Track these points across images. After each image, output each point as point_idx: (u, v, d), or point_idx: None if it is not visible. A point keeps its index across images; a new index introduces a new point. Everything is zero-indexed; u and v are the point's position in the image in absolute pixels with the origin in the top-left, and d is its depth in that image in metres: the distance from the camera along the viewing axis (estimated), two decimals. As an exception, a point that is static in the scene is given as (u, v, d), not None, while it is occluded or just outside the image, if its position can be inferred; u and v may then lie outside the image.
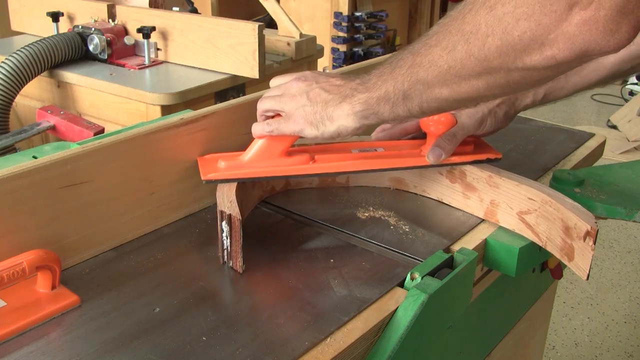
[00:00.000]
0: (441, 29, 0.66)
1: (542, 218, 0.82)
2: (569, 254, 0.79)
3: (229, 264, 0.76)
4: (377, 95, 0.73)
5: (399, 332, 0.65)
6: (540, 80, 0.64)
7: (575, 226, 0.77)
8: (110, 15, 2.08)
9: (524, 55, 0.60)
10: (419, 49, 0.69)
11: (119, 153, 0.79)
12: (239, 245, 0.74)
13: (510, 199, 0.85)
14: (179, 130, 0.85)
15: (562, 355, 2.02)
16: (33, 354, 0.61)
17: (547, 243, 0.82)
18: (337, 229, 0.86)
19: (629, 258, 2.58)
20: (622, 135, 3.70)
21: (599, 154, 1.18)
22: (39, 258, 0.67)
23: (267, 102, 0.83)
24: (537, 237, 0.83)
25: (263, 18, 2.89)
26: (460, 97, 0.68)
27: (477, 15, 0.61)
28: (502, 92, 0.68)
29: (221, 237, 0.75)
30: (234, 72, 1.88)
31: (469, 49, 0.63)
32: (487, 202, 0.88)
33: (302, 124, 0.79)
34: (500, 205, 0.87)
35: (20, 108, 2.06)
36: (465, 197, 0.91)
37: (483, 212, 0.89)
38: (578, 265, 0.78)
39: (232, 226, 0.74)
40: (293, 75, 0.84)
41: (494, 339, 1.03)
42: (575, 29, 0.56)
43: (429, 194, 0.95)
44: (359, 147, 0.92)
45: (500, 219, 0.87)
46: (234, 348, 0.62)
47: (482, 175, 0.88)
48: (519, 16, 0.58)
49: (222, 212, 0.74)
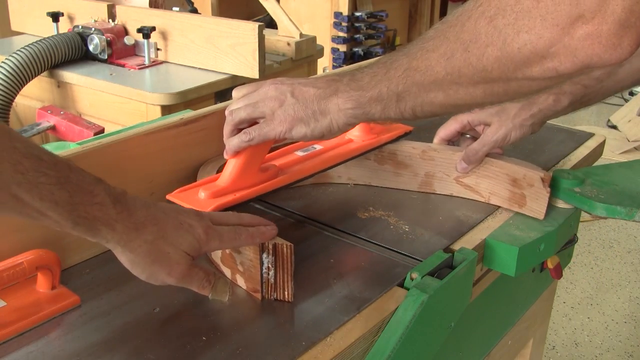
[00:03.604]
0: (438, 34, 0.65)
1: (482, 177, 0.91)
2: (519, 202, 0.89)
3: (272, 297, 0.70)
4: (370, 95, 0.71)
5: (399, 332, 0.65)
6: (539, 90, 0.64)
7: (525, 177, 0.87)
8: (110, 15, 2.08)
9: (524, 67, 0.59)
10: (415, 52, 0.67)
11: (119, 153, 0.79)
12: (289, 274, 0.68)
13: (447, 167, 0.92)
14: (179, 130, 0.85)
15: (562, 355, 2.02)
16: (33, 354, 0.61)
17: (491, 197, 0.92)
18: (337, 229, 0.85)
19: (629, 258, 2.58)
20: (622, 135, 3.70)
21: (599, 154, 1.18)
22: (39, 258, 0.67)
23: (242, 112, 0.77)
24: (478, 194, 0.92)
25: (263, 18, 2.89)
26: (456, 103, 0.67)
27: (476, 25, 0.60)
28: (499, 100, 0.68)
29: (261, 271, 0.69)
30: (234, 72, 1.88)
31: (467, 58, 0.62)
32: (421, 175, 0.94)
33: (290, 122, 0.74)
34: (435, 175, 0.93)
35: (20, 108, 2.06)
36: (397, 175, 0.95)
37: (417, 185, 0.95)
38: (532, 209, 0.88)
39: (279, 255, 0.68)
40: (260, 83, 0.78)
41: (494, 339, 1.03)
42: (577, 43, 0.55)
43: (356, 180, 0.97)
44: (298, 148, 0.92)
45: (437, 188, 0.94)
46: (234, 348, 0.62)
47: (414, 152, 0.93)
48: (520, 28, 0.57)
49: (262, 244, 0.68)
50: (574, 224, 0.94)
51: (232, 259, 0.72)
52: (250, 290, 0.71)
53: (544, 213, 0.87)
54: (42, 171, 0.53)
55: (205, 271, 0.65)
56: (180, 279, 0.63)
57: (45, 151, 0.55)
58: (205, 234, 0.64)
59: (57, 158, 0.56)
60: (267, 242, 0.68)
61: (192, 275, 0.64)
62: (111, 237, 0.59)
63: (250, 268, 0.70)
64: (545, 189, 0.86)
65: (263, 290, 0.70)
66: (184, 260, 0.63)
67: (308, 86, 0.75)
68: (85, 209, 0.56)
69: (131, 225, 0.60)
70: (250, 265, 0.70)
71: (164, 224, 0.62)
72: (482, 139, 0.91)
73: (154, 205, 0.64)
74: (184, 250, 0.63)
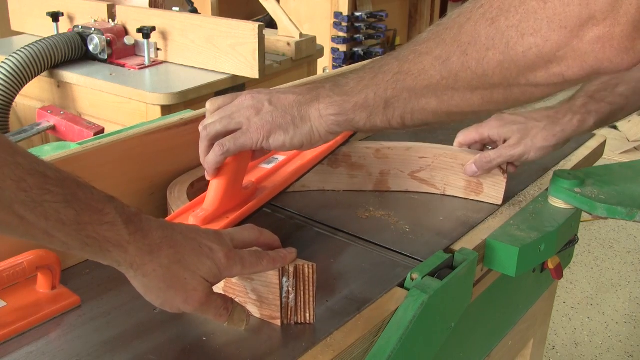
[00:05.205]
0: (433, 37, 0.61)
1: (437, 170, 0.94)
2: (476, 190, 0.93)
3: (292, 321, 0.66)
4: (355, 101, 0.66)
5: (399, 332, 0.65)
6: (541, 97, 0.60)
7: None
8: (110, 15, 2.08)
9: (528, 71, 0.56)
10: (406, 55, 0.63)
11: (119, 153, 0.79)
12: (311, 295, 0.65)
13: (401, 164, 0.93)
14: (179, 130, 0.85)
15: (562, 355, 2.02)
16: (33, 354, 0.61)
17: (446, 188, 0.94)
18: (337, 229, 0.85)
19: (629, 258, 2.58)
20: (622, 135, 3.70)
21: (599, 154, 1.18)
22: (39, 258, 0.67)
23: (217, 125, 0.71)
24: (433, 187, 0.95)
25: (263, 18, 2.89)
26: (449, 110, 0.63)
27: (476, 26, 0.57)
28: (497, 108, 0.64)
29: (280, 296, 0.65)
30: (234, 72, 1.88)
31: (465, 61, 0.58)
32: (376, 174, 0.94)
33: (267, 130, 0.69)
34: (390, 173, 0.94)
35: (20, 108, 2.06)
36: (352, 177, 0.94)
37: (372, 185, 0.95)
38: (490, 195, 0.92)
39: (300, 277, 0.65)
40: (236, 94, 0.73)
41: (494, 339, 1.03)
42: (587, 46, 0.51)
43: (309, 187, 0.95)
44: (261, 161, 0.89)
45: (392, 185, 0.95)
46: (234, 348, 0.62)
47: (368, 152, 0.92)
48: (525, 31, 0.53)
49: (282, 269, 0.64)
50: (574, 224, 0.94)
51: (240, 288, 0.67)
52: (266, 317, 0.66)
53: (502, 199, 0.91)
54: (47, 189, 0.49)
55: (223, 298, 0.61)
56: (198, 308, 0.58)
57: (51, 167, 0.51)
58: (226, 258, 0.59)
59: (64, 174, 0.52)
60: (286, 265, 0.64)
61: (210, 303, 0.59)
62: (123, 259, 0.55)
63: (267, 294, 0.65)
64: (503, 175, 0.90)
65: (282, 316, 0.65)
66: (202, 287, 0.58)
67: (287, 93, 0.70)
68: (95, 229, 0.52)
69: (145, 248, 0.55)
70: (267, 292, 0.65)
71: (182, 247, 0.57)
72: (500, 150, 0.90)
73: (171, 226, 0.59)
74: (202, 276, 0.58)
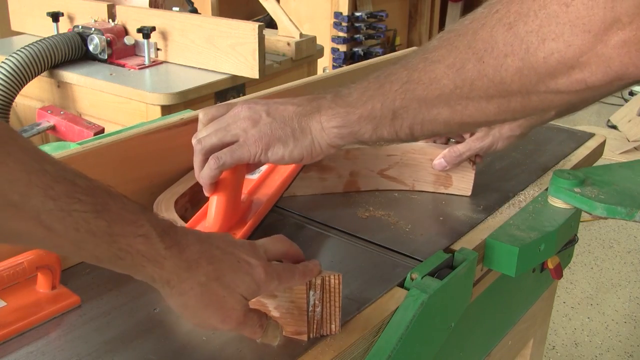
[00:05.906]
0: (444, 44, 0.59)
1: (405, 167, 0.95)
2: (445, 184, 0.95)
3: (319, 334, 0.63)
4: (360, 112, 0.63)
5: (399, 332, 0.65)
6: (561, 105, 0.57)
7: None
8: (110, 15, 2.08)
9: (549, 78, 0.53)
10: (415, 64, 0.60)
11: (119, 153, 0.79)
12: (337, 306, 0.62)
13: (370, 163, 0.94)
14: (179, 130, 0.85)
15: (562, 355, 2.02)
16: (33, 354, 0.61)
17: (415, 184, 0.96)
18: (337, 229, 0.85)
19: (629, 258, 2.58)
20: (622, 135, 3.70)
21: (599, 154, 1.18)
22: (39, 258, 0.67)
23: (212, 137, 0.68)
24: (402, 184, 0.96)
25: (263, 18, 2.89)
26: (462, 120, 0.60)
27: (492, 32, 0.54)
28: (514, 117, 0.61)
29: (307, 310, 0.62)
30: (234, 72, 1.88)
31: (482, 69, 0.55)
32: (346, 175, 0.94)
33: (266, 142, 0.66)
34: (360, 173, 0.94)
35: (20, 108, 2.06)
36: (322, 180, 0.94)
37: (343, 186, 0.95)
38: (459, 187, 0.94)
39: (327, 289, 0.62)
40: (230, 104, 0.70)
41: (494, 339, 1.03)
42: (612, 51, 0.49)
43: None
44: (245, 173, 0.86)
45: (362, 185, 0.95)
46: (235, 348, 0.62)
47: (339, 153, 0.90)
48: (546, 36, 0.51)
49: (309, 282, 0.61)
50: (574, 224, 0.94)
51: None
52: (291, 334, 0.63)
53: (471, 190, 0.93)
54: (76, 197, 0.46)
55: (259, 315, 0.57)
56: (234, 327, 0.55)
57: (81, 175, 0.48)
58: (265, 273, 0.56)
59: (94, 183, 0.48)
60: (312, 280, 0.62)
61: (247, 321, 0.56)
62: (158, 276, 0.51)
63: (292, 310, 0.62)
64: (472, 167, 0.92)
65: (308, 330, 0.63)
66: (240, 305, 0.55)
67: (286, 104, 0.67)
68: (128, 242, 0.48)
69: (182, 264, 0.52)
70: (292, 307, 0.62)
71: (220, 262, 0.54)
72: (468, 143, 0.91)
73: (208, 239, 0.55)
74: (240, 294, 0.55)
